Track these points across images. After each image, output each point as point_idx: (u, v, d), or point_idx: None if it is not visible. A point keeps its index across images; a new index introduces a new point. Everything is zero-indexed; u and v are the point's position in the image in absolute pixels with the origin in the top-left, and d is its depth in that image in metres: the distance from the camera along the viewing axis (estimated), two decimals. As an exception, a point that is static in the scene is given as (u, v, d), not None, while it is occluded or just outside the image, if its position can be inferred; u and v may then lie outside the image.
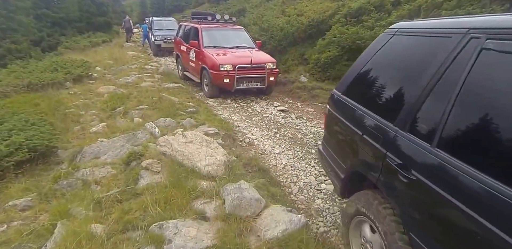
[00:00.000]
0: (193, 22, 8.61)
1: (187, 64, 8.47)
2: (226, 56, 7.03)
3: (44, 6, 18.30)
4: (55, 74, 8.09)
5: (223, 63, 6.63)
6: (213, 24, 8.28)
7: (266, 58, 7.25)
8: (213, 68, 6.71)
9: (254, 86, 7.09)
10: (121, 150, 3.95)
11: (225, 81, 6.68)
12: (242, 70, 6.71)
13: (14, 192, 3.24)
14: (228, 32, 8.19)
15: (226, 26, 8.40)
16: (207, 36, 7.68)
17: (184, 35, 8.98)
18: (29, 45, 14.58)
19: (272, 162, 4.33)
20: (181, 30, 9.45)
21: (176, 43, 9.70)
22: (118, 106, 5.87)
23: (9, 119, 4.59)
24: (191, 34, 8.23)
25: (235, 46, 7.72)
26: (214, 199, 2.77)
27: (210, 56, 6.94)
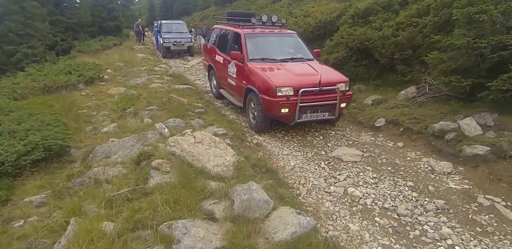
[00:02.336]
0: (231, 25, 6.88)
1: (224, 81, 6.64)
2: (282, 74, 5.11)
3: (58, 13, 18.78)
4: (69, 76, 8.28)
5: (281, 86, 4.71)
6: (257, 29, 6.35)
7: (336, 76, 5.27)
8: (266, 92, 4.84)
9: (320, 118, 5.09)
10: (131, 150, 4.02)
11: (282, 112, 4.73)
12: (307, 96, 4.78)
13: (30, 189, 3.35)
14: (278, 39, 6.35)
15: (274, 31, 6.40)
16: (252, 44, 5.82)
17: (219, 42, 7.17)
18: (45, 49, 14.95)
19: (280, 163, 4.36)
20: (214, 35, 7.63)
21: (208, 51, 7.89)
22: (129, 107, 5.97)
23: (26, 120, 4.73)
24: (229, 42, 6.51)
25: (289, 57, 5.81)
26: (223, 200, 2.78)
27: (260, 75, 5.06)
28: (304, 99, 4.73)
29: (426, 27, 6.08)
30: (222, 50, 6.84)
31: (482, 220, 3.14)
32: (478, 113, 4.53)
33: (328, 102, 4.93)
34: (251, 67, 5.36)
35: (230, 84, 6.30)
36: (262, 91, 4.92)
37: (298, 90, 4.68)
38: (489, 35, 4.51)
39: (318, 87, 4.76)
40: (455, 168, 4.03)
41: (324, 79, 4.76)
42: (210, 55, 7.61)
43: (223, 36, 7.04)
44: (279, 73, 5.12)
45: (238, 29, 6.31)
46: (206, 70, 8.36)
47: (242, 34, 5.94)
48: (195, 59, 14.27)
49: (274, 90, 4.71)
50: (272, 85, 4.74)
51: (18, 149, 3.68)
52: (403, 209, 3.28)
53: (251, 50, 5.72)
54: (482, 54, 4.48)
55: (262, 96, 4.88)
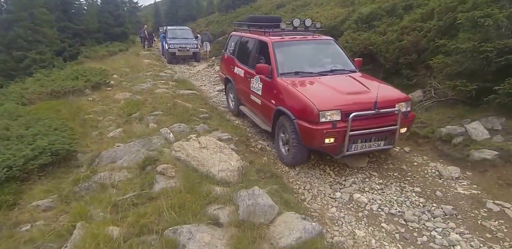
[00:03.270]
0: (254, 32, 5.90)
1: (246, 97, 5.65)
2: (324, 92, 4.05)
3: (66, 19, 19.11)
4: (76, 82, 8.39)
5: (325, 109, 3.67)
6: (287, 35, 5.26)
7: (394, 93, 4.20)
8: (305, 117, 3.80)
9: (374, 148, 4.03)
10: (136, 154, 4.05)
11: (326, 143, 3.69)
12: (359, 121, 3.73)
13: (37, 193, 3.39)
14: (312, 47, 5.26)
15: (307, 38, 5.27)
16: (282, 55, 4.79)
17: (239, 51, 6.18)
18: (52, 55, 15.18)
19: (285, 168, 4.34)
20: (232, 43, 6.62)
21: (225, 62, 6.84)
22: (134, 112, 6.02)
23: (34, 125, 4.80)
24: (252, 52, 5.53)
25: (328, 69, 4.78)
26: (228, 205, 2.78)
27: (295, 94, 4.03)
28: (355, 126, 3.66)
29: (431, 31, 6.07)
30: (242, 61, 5.87)
31: (492, 226, 3.09)
32: (485, 117, 4.49)
33: (386, 128, 3.86)
34: (283, 83, 4.31)
35: (253, 102, 5.25)
36: (299, 116, 3.88)
37: (347, 114, 3.62)
38: (495, 39, 4.49)
39: (374, 109, 3.66)
40: (463, 173, 3.98)
41: (380, 98, 3.67)
42: (228, 66, 6.55)
43: (244, 45, 6.04)
44: (320, 91, 4.06)
45: (263, 36, 5.25)
46: (222, 83, 7.39)
47: (270, 42, 4.90)
48: (200, 65, 14.38)
49: (316, 114, 3.64)
50: (313, 109, 3.66)
51: (26, 153, 3.73)
52: (410, 215, 3.25)
53: (281, 62, 4.67)
54: (488, 57, 4.46)
55: (299, 122, 3.83)
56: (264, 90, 4.84)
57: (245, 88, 5.53)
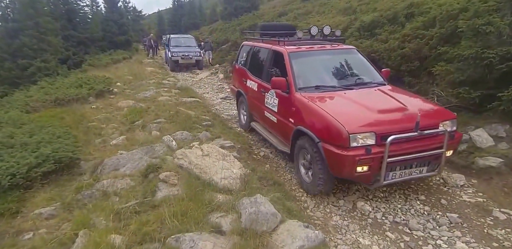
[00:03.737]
0: (267, 41, 5.38)
1: (259, 113, 5.14)
2: (352, 110, 3.52)
3: (71, 28, 19.40)
4: (80, 89, 8.47)
5: (357, 131, 3.14)
6: (304, 45, 4.75)
7: (437, 111, 3.67)
8: (332, 141, 3.26)
9: (415, 176, 3.45)
10: (139, 162, 4.05)
11: (359, 171, 3.13)
12: (398, 144, 3.17)
13: (40, 201, 3.39)
14: (333, 58, 4.67)
15: (326, 47, 4.74)
16: (301, 67, 4.30)
17: (251, 63, 5.67)
18: (57, 63, 15.35)
19: (287, 176, 4.33)
20: (244, 53, 6.07)
21: (237, 73, 6.31)
22: (137, 119, 6.05)
23: (38, 132, 4.83)
24: (266, 63, 5.02)
25: (353, 82, 4.25)
26: (230, 213, 2.77)
27: (319, 112, 3.49)
28: (393, 150, 3.08)
29: (433, 39, 6.10)
30: (255, 73, 5.37)
31: (499, 235, 3.04)
32: (489, 124, 4.47)
33: (431, 152, 3.26)
34: (302, 99, 3.79)
35: (268, 120, 4.74)
36: (325, 139, 3.32)
37: (383, 137, 3.09)
38: (496, 46, 4.51)
39: (415, 130, 3.12)
40: (468, 181, 3.95)
41: (421, 117, 3.14)
42: (240, 79, 6.03)
43: (256, 55, 5.52)
44: (348, 109, 3.51)
45: (278, 46, 4.77)
46: (233, 97, 6.87)
47: (286, 53, 4.41)
48: (203, 73, 14.48)
49: (345, 138, 3.08)
50: (341, 131, 3.11)
51: (30, 161, 3.75)
52: (415, 223, 3.21)
53: (299, 75, 4.18)
54: (490, 64, 4.46)
55: (325, 147, 3.27)
56: (280, 106, 4.33)
57: (259, 103, 5.03)
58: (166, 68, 15.90)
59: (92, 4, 26.13)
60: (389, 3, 10.32)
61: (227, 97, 9.15)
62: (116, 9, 25.59)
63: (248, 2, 23.65)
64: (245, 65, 5.89)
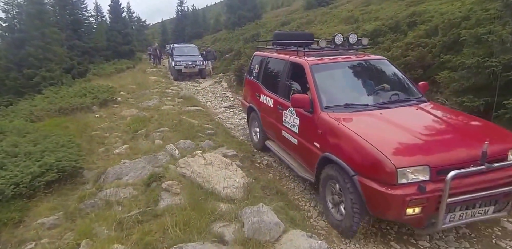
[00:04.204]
0: (282, 52, 4.87)
1: (277, 133, 4.47)
2: (396, 135, 2.90)
3: (76, 38, 19.78)
4: (84, 99, 8.55)
5: (406, 164, 2.53)
6: (326, 55, 4.12)
7: (500, 135, 3.00)
8: (373, 174, 2.67)
9: (481, 217, 2.77)
10: (142, 171, 4.05)
11: (409, 213, 2.52)
12: (459, 179, 2.52)
13: (43, 211, 3.39)
14: (362, 70, 4.08)
15: (351, 58, 4.12)
16: (325, 81, 3.73)
17: (265, 76, 5.09)
18: (62, 73, 15.59)
19: (290, 185, 4.30)
20: (256, 65, 5.47)
21: (249, 87, 5.76)
22: (140, 128, 6.07)
23: (42, 141, 4.86)
24: (283, 76, 4.44)
25: (388, 100, 3.61)
26: (233, 222, 2.75)
27: (354, 138, 2.88)
28: (453, 188, 2.46)
29: (436, 47, 6.12)
30: (270, 87, 4.80)
31: (508, 246, 2.98)
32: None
33: (500, 189, 2.60)
34: (331, 121, 3.18)
35: (286, 141, 4.15)
36: (363, 172, 2.71)
37: (440, 171, 2.50)
38: (499, 54, 4.52)
39: (483, 163, 2.47)
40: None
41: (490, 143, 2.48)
42: (252, 93, 5.44)
43: (271, 67, 4.97)
44: (390, 134, 2.89)
45: (297, 57, 4.17)
46: (244, 112, 6.32)
47: (307, 65, 3.80)
48: (206, 81, 14.58)
49: (392, 173, 2.46)
50: (385, 163, 2.50)
51: (33, 170, 3.76)
52: (421, 233, 3.16)
53: (325, 91, 3.57)
54: (494, 72, 4.46)
55: (364, 182, 2.65)
56: (302, 127, 3.72)
57: (275, 121, 4.46)
58: (169, 77, 16.03)
59: (97, 15, 26.72)
60: (391, 12, 10.45)
61: (230, 106, 9.18)
62: (120, 19, 26.06)
63: (251, 11, 24.01)
64: (257, 78, 5.28)
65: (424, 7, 9.14)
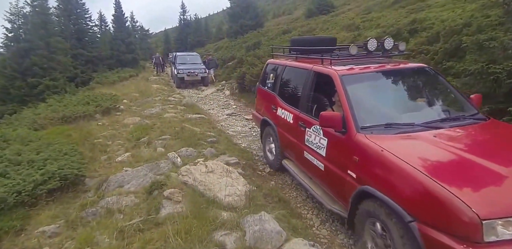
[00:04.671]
0: (303, 60, 4.29)
1: (297, 153, 3.92)
2: (465, 167, 2.20)
3: (80, 47, 20.03)
4: (87, 107, 8.62)
5: (494, 215, 1.77)
6: (357, 64, 3.54)
7: None
8: (446, 226, 1.89)
9: None
10: (144, 179, 4.05)
11: None
12: None
13: (44, 219, 3.38)
14: (402, 81, 3.48)
15: (386, 66, 3.46)
16: (360, 96, 3.16)
17: (283, 87, 4.57)
18: (65, 81, 15.75)
19: (293, 193, 4.27)
20: (271, 74, 4.95)
21: (263, 98, 5.24)
22: (143, 136, 6.08)
23: (45, 149, 4.89)
24: (305, 88, 3.84)
25: (437, 118, 2.97)
26: (235, 231, 2.73)
27: (410, 172, 2.16)
28: None
29: (438, 54, 6.13)
30: (289, 100, 4.24)
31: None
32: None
33: None
34: (371, 146, 2.55)
35: (310, 164, 3.50)
36: (426, 218, 2.02)
37: None
38: (502, 61, 4.51)
39: None
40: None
41: None
42: (267, 105, 4.93)
43: (290, 77, 4.43)
44: (458, 167, 2.26)
45: (322, 66, 3.57)
46: (257, 125, 5.76)
47: (336, 76, 3.18)
48: (209, 89, 14.66)
49: (475, 226, 1.78)
50: (464, 211, 1.82)
51: (36, 178, 3.77)
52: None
53: (360, 107, 2.95)
54: (498, 79, 4.46)
55: (429, 234, 1.96)
56: (332, 150, 3.10)
57: (295, 140, 3.90)
58: (172, 85, 16.13)
59: (101, 24, 27.04)
60: (392, 19, 10.52)
61: (232, 114, 9.21)
62: (124, 28, 26.40)
63: (253, 20, 24.25)
64: (273, 89, 4.76)
65: (424, 15, 9.20)
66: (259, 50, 13.48)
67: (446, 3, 10.54)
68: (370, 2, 18.31)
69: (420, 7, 11.57)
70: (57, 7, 20.95)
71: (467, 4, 8.76)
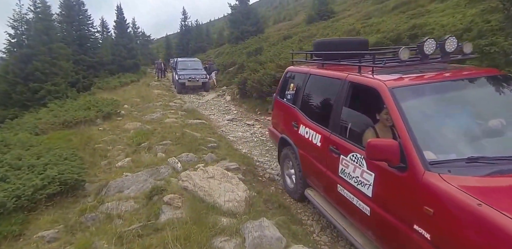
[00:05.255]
0: (332, 67, 3.61)
1: (326, 184, 3.16)
2: None
3: (82, 52, 20.18)
4: (88, 112, 8.64)
5: None
6: (413, 72, 2.71)
7: None
8: None
9: None
10: (144, 184, 4.04)
11: None
12: None
13: (43, 224, 3.38)
14: (476, 94, 2.64)
15: (454, 74, 2.68)
16: (422, 116, 2.40)
17: (308, 99, 3.77)
18: (67, 86, 15.82)
19: (292, 199, 4.25)
20: (291, 84, 4.18)
21: (281, 111, 4.44)
22: (143, 141, 6.08)
23: (46, 154, 4.90)
24: (338, 103, 3.02)
25: None
26: (234, 237, 2.70)
27: None
28: None
29: (438, 59, 6.16)
30: (316, 117, 3.45)
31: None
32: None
33: None
34: (457, 196, 1.69)
35: (345, 202, 2.73)
36: None
37: None
38: (504, 66, 4.52)
39: None
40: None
41: None
42: (286, 120, 4.12)
43: (316, 88, 3.66)
44: None
45: (360, 75, 2.83)
46: (274, 143, 4.99)
47: (386, 89, 2.40)
48: (209, 95, 14.70)
49: None
50: None
51: (36, 183, 3.77)
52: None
53: (425, 133, 2.20)
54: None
55: None
56: (384, 190, 2.29)
57: (323, 167, 3.10)
58: (173, 91, 16.18)
59: (103, 30, 27.27)
60: (392, 25, 10.58)
61: (233, 119, 9.21)
62: (125, 34, 26.55)
63: (254, 26, 24.40)
64: (294, 102, 3.95)
65: (424, 20, 9.25)
66: (260, 56, 13.54)
67: (446, 8, 10.60)
68: (370, 7, 18.44)
69: (420, 13, 11.64)
70: (59, 13, 21.18)
71: (467, 9, 8.81)
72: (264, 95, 9.81)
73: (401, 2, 14.87)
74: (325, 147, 3.07)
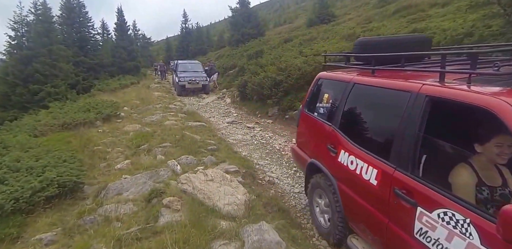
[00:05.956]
0: (389, 74, 2.57)
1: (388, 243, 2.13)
2: None
3: (82, 54, 20.18)
4: (87, 114, 8.63)
5: None
6: None
7: None
8: None
9: None
10: (143, 187, 4.02)
11: None
12: None
13: (41, 226, 3.35)
14: None
15: None
16: None
17: (353, 117, 2.85)
18: (67, 88, 15.80)
19: (292, 202, 4.23)
20: (325, 94, 3.31)
21: (309, 127, 3.62)
22: (143, 143, 6.07)
23: (44, 156, 4.88)
24: (409, 125, 2.02)
25: None
26: (233, 241, 2.69)
27: None
28: None
29: (439, 64, 6.17)
30: (366, 141, 2.60)
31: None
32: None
33: None
34: None
35: None
36: None
37: None
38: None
39: None
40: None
41: None
42: (318, 141, 3.26)
43: (365, 101, 2.81)
44: None
45: (446, 87, 1.91)
46: (299, 166, 4.19)
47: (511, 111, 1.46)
48: (209, 97, 14.71)
49: None
50: None
51: (34, 185, 3.75)
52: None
53: None
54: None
55: None
56: None
57: (384, 216, 2.19)
58: (173, 93, 16.19)
59: (103, 32, 27.31)
60: (392, 29, 10.62)
61: (233, 122, 9.21)
62: (126, 36, 26.63)
63: (254, 29, 24.46)
64: (330, 119, 3.10)
65: (425, 24, 9.29)
66: (261, 58, 13.57)
67: (447, 13, 10.65)
68: (370, 11, 18.50)
69: (420, 17, 11.69)
70: (60, 15, 21.21)
71: (468, 14, 8.84)
72: (265, 98, 9.81)
73: (401, 7, 14.94)
74: (385, 188, 2.16)
